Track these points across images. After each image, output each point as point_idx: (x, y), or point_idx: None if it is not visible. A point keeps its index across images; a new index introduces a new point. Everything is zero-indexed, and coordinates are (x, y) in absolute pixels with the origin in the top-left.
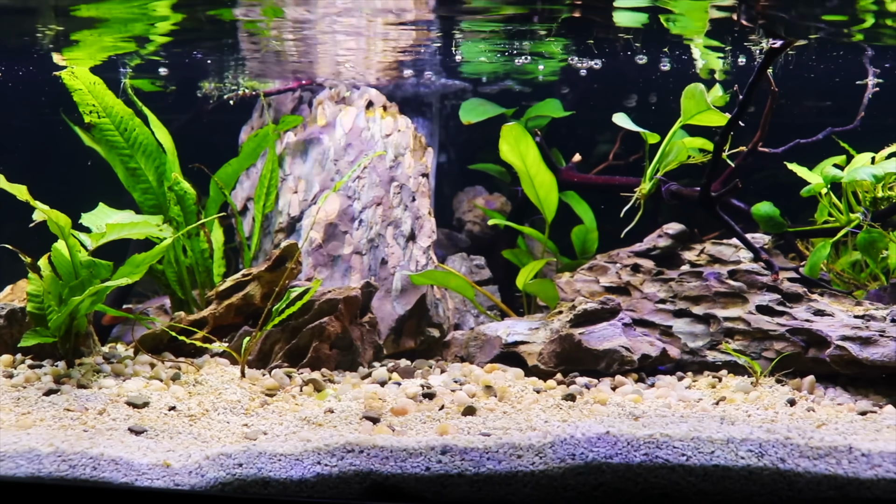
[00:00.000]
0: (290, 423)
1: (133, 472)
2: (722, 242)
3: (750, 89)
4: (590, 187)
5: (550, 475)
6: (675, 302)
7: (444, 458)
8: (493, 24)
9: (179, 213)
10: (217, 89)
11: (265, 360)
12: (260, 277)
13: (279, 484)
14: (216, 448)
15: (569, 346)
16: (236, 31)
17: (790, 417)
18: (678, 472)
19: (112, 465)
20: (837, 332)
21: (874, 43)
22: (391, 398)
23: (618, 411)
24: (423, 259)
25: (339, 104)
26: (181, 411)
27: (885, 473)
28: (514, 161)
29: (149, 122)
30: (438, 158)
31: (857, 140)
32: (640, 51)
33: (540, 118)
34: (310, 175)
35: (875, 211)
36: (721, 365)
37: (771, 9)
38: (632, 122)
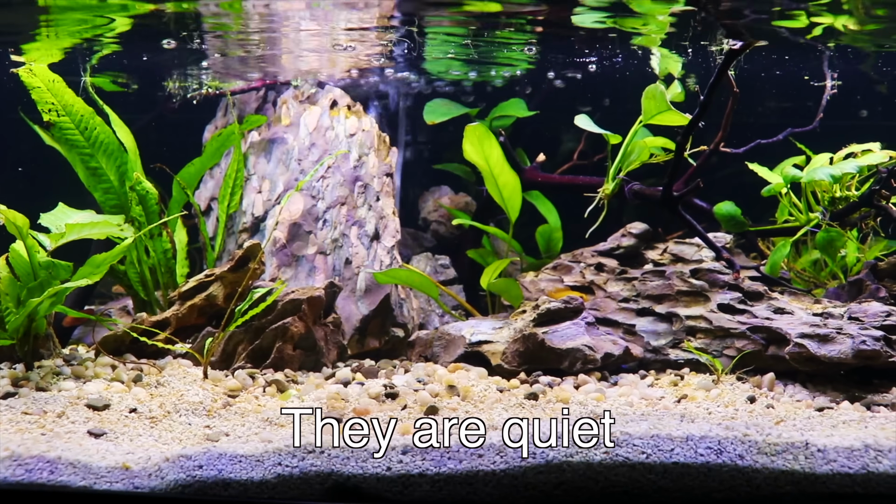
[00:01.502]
0: (252, 424)
1: (91, 476)
2: (684, 242)
3: (710, 90)
4: (554, 187)
5: (512, 474)
6: (638, 301)
7: (405, 457)
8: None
9: (141, 213)
10: (181, 88)
11: (228, 361)
12: (223, 278)
13: (239, 485)
14: (176, 450)
15: (532, 346)
16: (200, 26)
17: (750, 414)
18: (638, 469)
19: (70, 469)
20: (796, 330)
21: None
22: (354, 398)
23: (579, 410)
24: (388, 259)
25: (303, 103)
26: (142, 413)
27: (839, 468)
28: (478, 161)
29: (110, 120)
30: (403, 157)
31: (816, 141)
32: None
33: (504, 118)
34: (274, 175)
35: (833, 210)
36: (683, 363)
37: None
38: (593, 124)
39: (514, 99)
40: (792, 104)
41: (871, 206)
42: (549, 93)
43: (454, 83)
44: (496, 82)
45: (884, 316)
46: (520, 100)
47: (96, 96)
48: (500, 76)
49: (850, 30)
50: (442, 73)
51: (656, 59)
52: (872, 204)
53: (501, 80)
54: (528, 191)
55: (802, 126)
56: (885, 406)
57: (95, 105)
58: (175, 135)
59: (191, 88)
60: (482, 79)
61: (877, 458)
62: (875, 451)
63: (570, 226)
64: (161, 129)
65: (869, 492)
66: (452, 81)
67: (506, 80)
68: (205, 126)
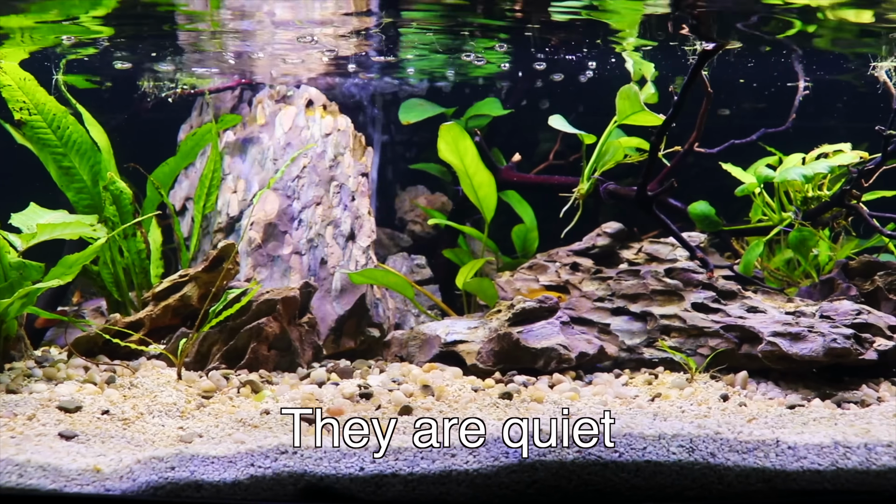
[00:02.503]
0: (225, 425)
1: (62, 479)
2: (659, 241)
3: (684, 90)
4: (530, 187)
5: (485, 474)
6: (613, 300)
7: (377, 457)
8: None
9: (115, 212)
10: (156, 87)
11: (203, 361)
12: (197, 278)
13: (212, 487)
14: (148, 451)
15: (507, 345)
16: (174, 25)
17: (723, 412)
18: (611, 468)
19: (39, 472)
20: (769, 329)
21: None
22: (328, 399)
23: (553, 409)
24: (363, 259)
25: (279, 103)
26: (115, 415)
27: (809, 465)
28: (453, 160)
29: (83, 119)
30: (380, 157)
31: (789, 141)
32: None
33: (480, 117)
34: (249, 174)
35: (806, 210)
36: (658, 362)
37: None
38: (568, 124)
39: (490, 98)
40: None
41: (843, 206)
42: (526, 92)
43: (430, 83)
44: (473, 82)
45: (854, 314)
46: (495, 99)
47: (69, 95)
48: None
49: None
50: (418, 73)
51: (630, 60)
52: (843, 204)
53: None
54: (504, 190)
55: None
56: (855, 403)
57: (68, 104)
58: (150, 134)
59: (165, 87)
60: (459, 79)
61: (845, 455)
62: (844, 447)
63: (547, 225)
64: (136, 128)
65: (838, 488)
66: (428, 81)
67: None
68: (180, 126)
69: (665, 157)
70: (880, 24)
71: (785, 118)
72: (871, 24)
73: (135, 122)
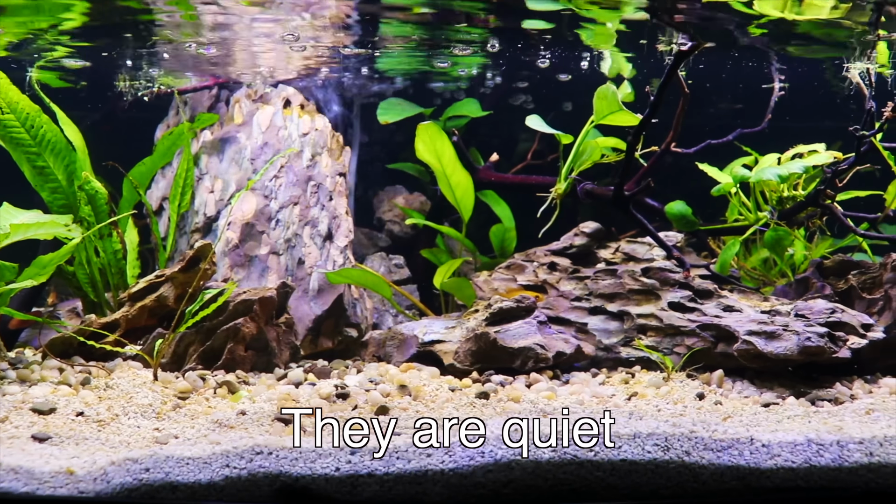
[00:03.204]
0: (201, 426)
1: (34, 481)
2: (636, 241)
3: (661, 90)
4: (508, 186)
5: (460, 473)
6: (590, 299)
7: (353, 458)
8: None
9: (90, 212)
10: (132, 86)
11: (179, 362)
12: (174, 278)
13: (187, 488)
14: (123, 453)
15: (484, 345)
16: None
17: (698, 411)
18: (586, 467)
19: (11, 475)
20: (745, 328)
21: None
22: (305, 399)
23: (530, 408)
24: (341, 259)
25: (256, 102)
26: (90, 416)
27: (783, 462)
28: (430, 160)
29: (57, 118)
30: (358, 157)
31: (765, 142)
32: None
33: (458, 118)
34: (226, 174)
35: (781, 210)
36: (635, 361)
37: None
38: (545, 124)
39: (468, 99)
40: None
41: (817, 206)
42: (505, 92)
43: (409, 82)
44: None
45: (828, 313)
46: (474, 99)
47: (42, 94)
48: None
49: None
50: (396, 72)
51: (607, 60)
52: (818, 203)
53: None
54: (483, 190)
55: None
56: (829, 401)
57: (42, 102)
58: (127, 133)
59: (142, 86)
60: (438, 79)
61: (819, 452)
62: (817, 445)
63: (525, 225)
64: (112, 127)
65: (811, 485)
66: (407, 81)
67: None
68: (157, 125)
69: (643, 157)
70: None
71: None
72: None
73: (111, 121)
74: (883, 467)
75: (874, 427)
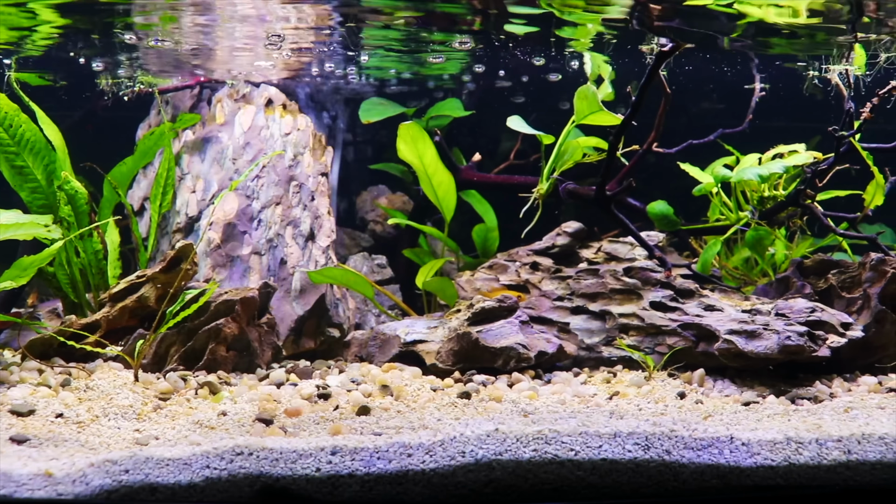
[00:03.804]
0: (182, 427)
1: (11, 483)
2: (618, 240)
3: (642, 91)
4: (490, 186)
5: (441, 473)
6: (572, 299)
7: (334, 458)
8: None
9: (70, 213)
10: (113, 85)
11: (160, 363)
12: (155, 279)
13: (167, 489)
14: (102, 455)
15: (466, 345)
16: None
17: (679, 410)
18: (567, 466)
19: None
20: (725, 327)
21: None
22: (286, 399)
23: (511, 408)
24: (323, 259)
25: (238, 102)
26: (69, 418)
27: (763, 461)
28: (412, 160)
29: (36, 118)
30: (342, 157)
31: (746, 141)
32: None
33: (441, 118)
34: (208, 174)
35: (762, 209)
36: (616, 360)
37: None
38: (526, 125)
39: (451, 99)
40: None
41: (798, 206)
42: (488, 92)
43: (392, 82)
44: (433, 82)
45: (808, 312)
46: (456, 99)
47: (21, 92)
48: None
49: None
50: (379, 72)
51: (587, 61)
52: (798, 203)
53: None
54: (465, 190)
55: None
56: (809, 399)
57: (21, 101)
58: (108, 132)
59: (123, 85)
60: (419, 78)
61: (798, 450)
62: (796, 443)
63: (508, 225)
64: (93, 126)
65: (790, 483)
66: (390, 81)
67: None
68: (138, 124)
69: (625, 156)
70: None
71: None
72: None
73: (92, 121)
74: (861, 465)
75: (852, 425)
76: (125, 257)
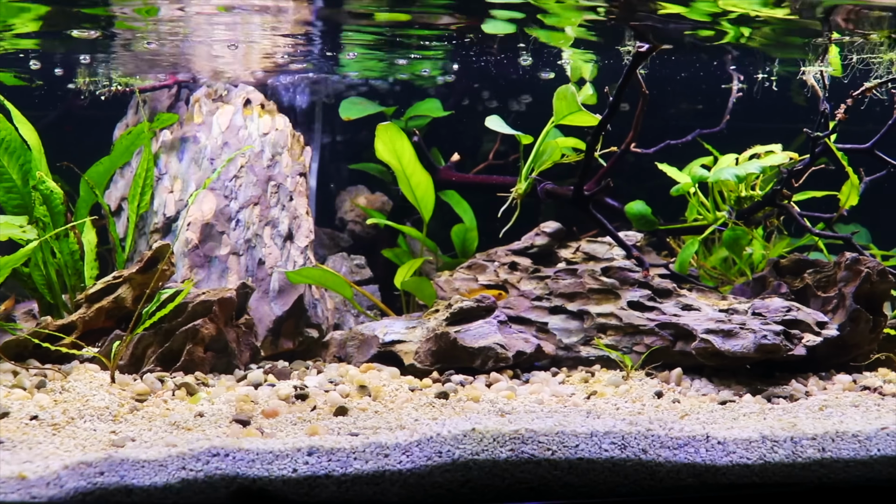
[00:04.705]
0: (159, 429)
1: None
2: (596, 240)
3: (619, 91)
4: (469, 186)
5: (418, 473)
6: (550, 299)
7: (310, 459)
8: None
9: (46, 213)
10: (90, 84)
11: (137, 364)
12: (132, 279)
13: (143, 491)
14: (77, 457)
15: (444, 345)
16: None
17: (656, 409)
18: (544, 466)
19: None
20: (702, 326)
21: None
22: (263, 400)
23: (489, 408)
24: (301, 259)
25: (216, 102)
26: (44, 420)
27: (738, 459)
28: (390, 160)
29: (12, 116)
30: (320, 157)
31: (723, 142)
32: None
33: (420, 118)
34: (186, 174)
35: (739, 209)
36: (594, 360)
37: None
38: (505, 125)
39: (430, 98)
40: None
41: (774, 206)
42: (468, 92)
43: (372, 82)
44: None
45: (784, 311)
46: (435, 99)
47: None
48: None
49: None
50: (358, 72)
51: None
52: (775, 203)
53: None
54: (444, 190)
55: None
56: (784, 398)
57: None
58: (85, 132)
59: (100, 84)
60: (400, 78)
61: (773, 449)
62: (771, 441)
63: (487, 225)
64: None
65: (766, 481)
66: (370, 80)
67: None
68: (115, 124)
69: (604, 157)
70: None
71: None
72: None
73: (70, 120)
74: (835, 462)
75: (827, 423)
76: (102, 258)
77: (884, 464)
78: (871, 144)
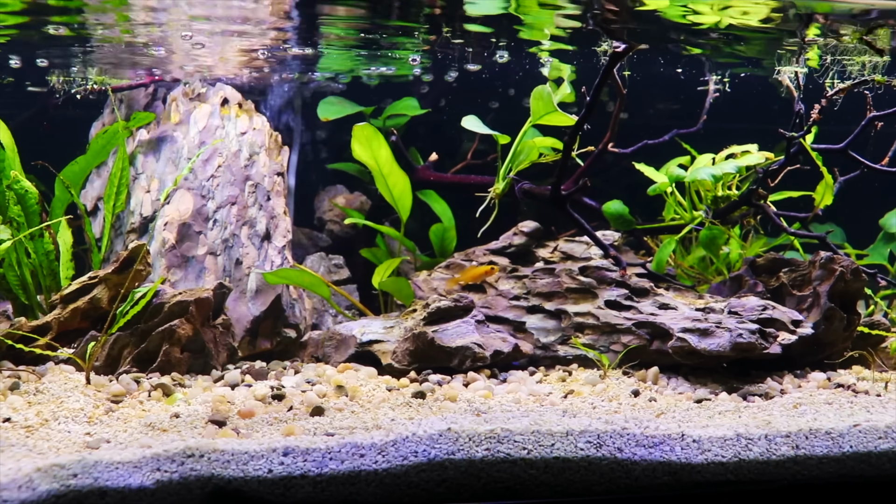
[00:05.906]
0: (134, 430)
1: None
2: (574, 240)
3: (596, 91)
4: (447, 186)
5: (394, 473)
6: (528, 298)
7: (286, 459)
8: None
9: (20, 212)
10: (65, 83)
11: (113, 365)
12: (107, 280)
13: (117, 493)
14: (51, 459)
15: (422, 344)
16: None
17: (633, 408)
18: (520, 465)
19: None
20: (679, 325)
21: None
22: (240, 401)
23: (465, 407)
24: (279, 259)
25: (193, 101)
26: (17, 422)
27: (713, 457)
28: (367, 160)
29: None
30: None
31: (701, 142)
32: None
33: (398, 117)
34: (163, 174)
35: (716, 209)
36: (572, 359)
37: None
38: (482, 124)
39: (407, 98)
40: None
41: (750, 205)
42: (447, 91)
43: (350, 81)
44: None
45: (760, 310)
46: (413, 98)
47: None
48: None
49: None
50: (337, 71)
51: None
52: (751, 203)
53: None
54: (422, 190)
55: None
56: (760, 396)
57: None
58: (61, 131)
59: (76, 83)
60: (379, 77)
61: (747, 446)
62: (746, 439)
63: (465, 224)
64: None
65: (740, 478)
66: (348, 80)
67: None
68: (92, 123)
69: (582, 156)
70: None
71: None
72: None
73: (45, 119)
74: (808, 459)
75: (801, 421)
76: (79, 258)
77: (856, 460)
78: (845, 145)
